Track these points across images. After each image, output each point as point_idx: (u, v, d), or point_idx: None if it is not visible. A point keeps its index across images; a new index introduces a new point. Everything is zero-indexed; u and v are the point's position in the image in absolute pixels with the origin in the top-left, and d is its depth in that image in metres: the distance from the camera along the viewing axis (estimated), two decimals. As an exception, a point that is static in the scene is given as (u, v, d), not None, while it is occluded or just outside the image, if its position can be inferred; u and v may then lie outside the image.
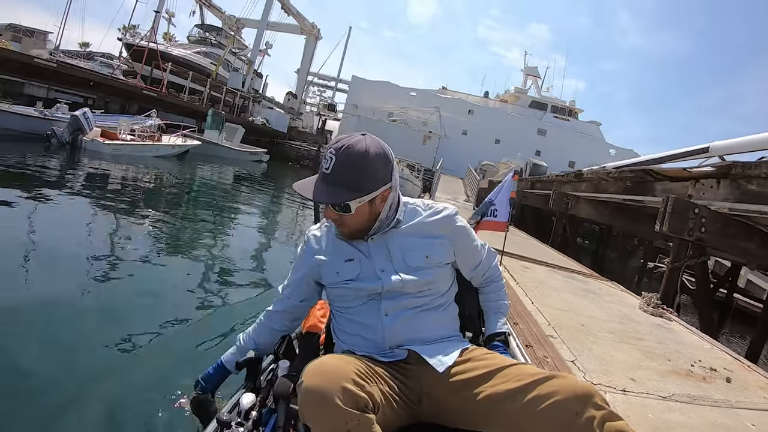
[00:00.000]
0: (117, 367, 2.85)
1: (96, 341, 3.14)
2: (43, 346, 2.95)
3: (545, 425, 1.07)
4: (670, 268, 5.74)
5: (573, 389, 1.08)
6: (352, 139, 1.28)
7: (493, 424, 1.17)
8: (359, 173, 1.26)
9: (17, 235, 4.97)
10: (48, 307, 3.48)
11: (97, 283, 4.18)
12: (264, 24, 34.32)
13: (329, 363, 1.10)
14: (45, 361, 2.77)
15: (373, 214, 1.35)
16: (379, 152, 1.29)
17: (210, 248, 6.60)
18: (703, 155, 10.15)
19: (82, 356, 2.93)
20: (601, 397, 1.08)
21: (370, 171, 1.27)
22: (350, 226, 1.35)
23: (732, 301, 10.59)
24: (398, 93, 39.56)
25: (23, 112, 13.48)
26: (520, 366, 1.24)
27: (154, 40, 27.93)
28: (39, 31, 29.37)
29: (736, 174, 5.08)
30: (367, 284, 1.37)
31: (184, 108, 25.57)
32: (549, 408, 1.07)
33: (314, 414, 1.02)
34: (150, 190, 10.77)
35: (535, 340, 2.76)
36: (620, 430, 1.03)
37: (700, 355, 3.38)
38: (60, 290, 3.85)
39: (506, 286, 1.77)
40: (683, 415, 2.21)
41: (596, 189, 9.65)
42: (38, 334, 3.09)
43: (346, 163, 1.25)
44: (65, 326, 3.29)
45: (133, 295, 4.13)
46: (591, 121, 41.54)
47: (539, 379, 1.13)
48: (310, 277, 1.52)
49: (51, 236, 5.26)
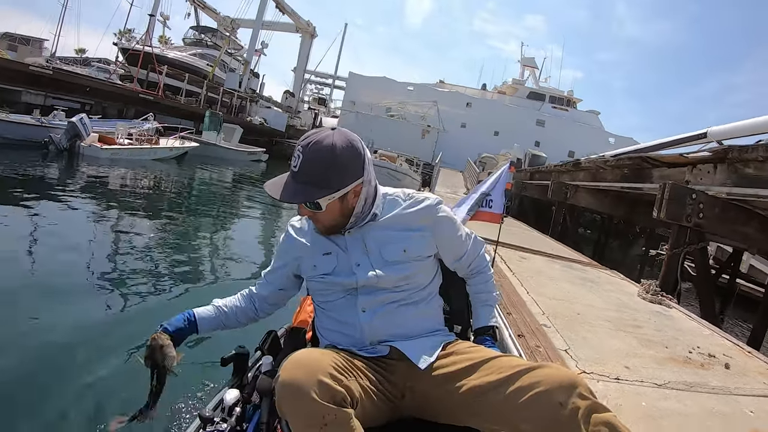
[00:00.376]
0: (112, 367, 2.84)
1: (96, 341, 3.17)
2: (42, 352, 2.97)
3: (529, 417, 1.05)
4: (669, 254, 5.70)
5: (557, 379, 1.06)
6: (319, 135, 1.24)
7: (477, 417, 1.16)
8: (327, 170, 1.22)
9: (19, 243, 5.00)
10: (49, 312, 3.50)
11: (100, 288, 4.21)
12: (259, 24, 34.19)
13: (307, 356, 1.08)
14: (40, 370, 2.78)
15: (346, 209, 1.32)
16: (347, 146, 1.25)
17: (211, 249, 6.63)
18: (701, 141, 10.09)
19: (80, 359, 2.94)
20: (586, 387, 1.06)
21: (338, 167, 1.23)
22: (324, 222, 1.33)
23: (735, 287, 10.53)
24: (395, 88, 39.42)
25: (20, 120, 13.48)
26: (503, 358, 1.23)
27: (149, 43, 27.88)
28: (35, 39, 29.50)
29: (733, 158, 5.04)
30: (342, 279, 1.35)
31: (181, 110, 25.57)
32: (532, 399, 1.05)
33: (291, 408, 1.00)
34: (149, 194, 10.77)
35: (528, 330, 2.74)
36: (607, 421, 1.00)
37: (699, 341, 3.35)
38: (62, 294, 3.87)
39: (502, 276, 1.74)
40: (679, 403, 2.19)
41: (594, 178, 9.62)
42: (39, 336, 3.13)
43: (314, 160, 1.22)
44: (67, 330, 3.30)
45: (136, 298, 4.15)
46: (590, 111, 41.33)
47: (522, 370, 1.12)
48: (290, 270, 1.51)
49: (52, 242, 5.29)
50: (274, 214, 11.38)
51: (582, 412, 1.00)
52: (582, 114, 40.53)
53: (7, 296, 3.65)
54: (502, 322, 2.79)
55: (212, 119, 23.09)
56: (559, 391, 1.04)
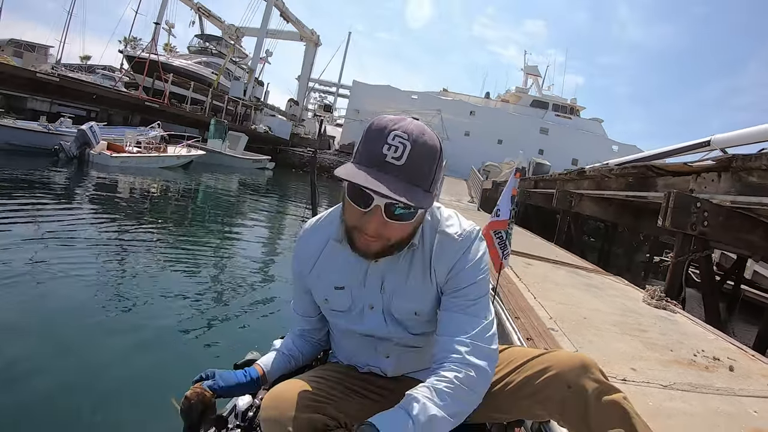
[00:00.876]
0: (125, 372, 2.92)
1: (106, 347, 3.23)
2: (51, 354, 3.04)
3: (541, 401, 1.06)
4: (673, 262, 5.75)
5: (567, 362, 1.06)
6: (418, 126, 0.97)
7: (494, 411, 1.15)
8: (432, 168, 0.98)
9: (34, 247, 5.12)
10: (59, 316, 3.59)
11: (110, 292, 4.29)
12: (264, 32, 34.54)
13: (282, 393, 1.06)
14: (52, 371, 2.84)
15: (418, 224, 1.07)
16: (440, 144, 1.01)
17: (218, 256, 6.69)
18: (705, 149, 10.17)
19: (93, 364, 3.01)
20: (597, 368, 1.05)
21: (439, 167, 1.00)
22: (391, 239, 1.01)
23: (739, 293, 10.57)
24: (399, 96, 39.65)
25: (27, 127, 13.69)
26: (512, 349, 1.24)
27: (154, 51, 28.29)
28: (40, 46, 29.88)
29: (737, 167, 5.10)
30: (356, 327, 1.19)
31: (186, 118, 25.81)
32: (544, 383, 1.05)
33: None
34: (158, 201, 10.92)
35: (536, 333, 2.81)
36: (615, 402, 1.00)
37: (704, 345, 3.40)
38: (72, 299, 3.95)
39: (509, 281, 1.66)
40: (684, 403, 2.25)
41: (599, 186, 9.67)
42: (50, 340, 3.20)
43: (423, 156, 0.95)
44: (76, 335, 3.39)
45: (145, 303, 4.22)
46: (593, 118, 41.47)
47: (531, 358, 1.12)
48: (307, 292, 1.27)
49: (65, 246, 5.39)
50: (281, 220, 11.48)
51: (592, 393, 1.00)
52: (585, 122, 40.65)
53: (19, 306, 3.70)
54: (510, 326, 2.86)
55: (217, 127, 23.32)
56: (570, 374, 1.03)
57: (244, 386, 1.19)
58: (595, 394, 1.00)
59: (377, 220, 0.96)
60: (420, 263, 1.12)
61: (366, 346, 1.22)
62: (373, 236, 0.98)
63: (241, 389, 1.20)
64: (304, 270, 1.21)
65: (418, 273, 1.12)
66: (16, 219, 6.33)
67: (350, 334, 1.23)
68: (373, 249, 1.02)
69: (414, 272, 1.12)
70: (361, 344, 1.23)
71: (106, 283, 4.53)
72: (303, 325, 1.35)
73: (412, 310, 1.13)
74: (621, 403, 1.00)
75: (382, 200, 0.94)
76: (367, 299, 1.14)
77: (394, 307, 1.13)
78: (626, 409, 1.00)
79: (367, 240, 1.00)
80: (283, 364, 1.28)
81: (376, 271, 1.12)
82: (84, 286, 4.30)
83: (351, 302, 1.16)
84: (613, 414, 0.99)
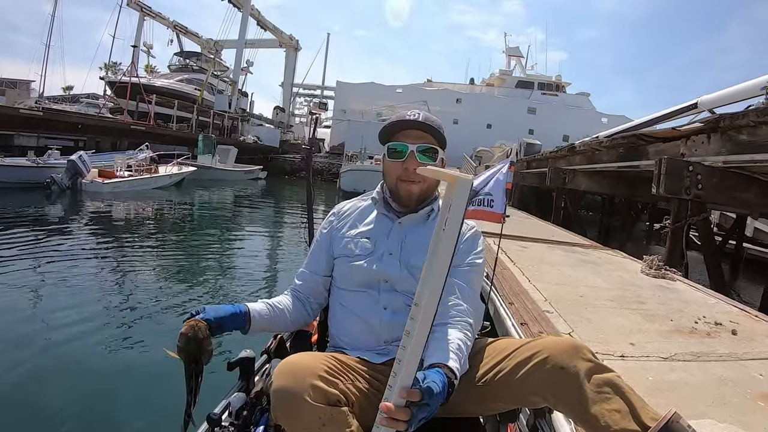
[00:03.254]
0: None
1: (111, 360, 3.32)
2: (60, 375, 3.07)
3: (534, 386, 1.07)
4: (672, 228, 5.71)
5: (557, 346, 1.08)
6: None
7: (487, 402, 1.19)
8: (442, 132, 1.35)
9: (34, 283, 5.12)
10: (64, 342, 3.61)
11: (116, 311, 4.37)
12: (242, 43, 34.43)
13: (298, 361, 1.07)
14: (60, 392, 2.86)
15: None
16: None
17: (218, 268, 6.75)
18: (693, 111, 10.12)
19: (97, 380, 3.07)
20: (587, 349, 1.07)
21: (443, 132, 1.36)
22: (423, 181, 1.35)
23: (742, 252, 10.54)
24: (384, 92, 39.58)
25: (16, 163, 13.64)
26: (502, 340, 1.26)
27: (135, 74, 28.21)
28: (21, 81, 29.85)
29: (725, 126, 5.05)
30: (369, 264, 1.35)
31: (174, 137, 25.81)
32: (534, 368, 1.07)
33: (285, 414, 1.01)
34: (154, 221, 10.94)
35: (531, 317, 2.75)
36: (609, 380, 1.01)
37: (705, 311, 3.35)
38: (72, 327, 3.93)
39: (503, 267, 1.72)
40: (686, 373, 2.19)
41: (590, 160, 9.63)
42: (57, 361, 3.28)
43: (432, 119, 1.34)
44: (83, 353, 3.43)
45: (150, 322, 4.24)
46: (580, 93, 41.51)
47: (522, 345, 1.14)
48: (328, 251, 1.47)
49: (64, 276, 5.39)
50: (280, 229, 11.46)
51: (584, 374, 1.02)
52: (572, 97, 40.64)
53: (25, 331, 3.75)
54: (505, 312, 2.81)
55: (206, 143, 23.28)
56: (561, 357, 1.05)
57: (234, 317, 1.24)
58: (587, 374, 1.02)
59: (413, 162, 1.31)
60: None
61: (368, 301, 1.33)
62: (413, 179, 1.32)
63: (231, 321, 1.23)
64: (337, 223, 1.48)
65: None
66: (17, 254, 6.27)
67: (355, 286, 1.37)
68: (415, 192, 1.35)
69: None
70: (364, 300, 1.34)
71: (111, 303, 4.60)
72: (304, 283, 1.47)
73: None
74: (614, 380, 1.02)
75: (414, 144, 1.32)
76: (388, 247, 1.36)
77: (412, 256, 1.32)
78: (620, 385, 1.02)
79: (410, 187, 1.34)
80: (269, 313, 1.35)
81: (399, 229, 1.38)
82: (87, 311, 4.31)
83: (374, 247, 1.37)
84: (607, 391, 1.01)
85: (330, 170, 31.00)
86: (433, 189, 1.40)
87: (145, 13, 34.44)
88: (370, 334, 1.32)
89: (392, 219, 1.40)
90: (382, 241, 1.37)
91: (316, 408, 0.99)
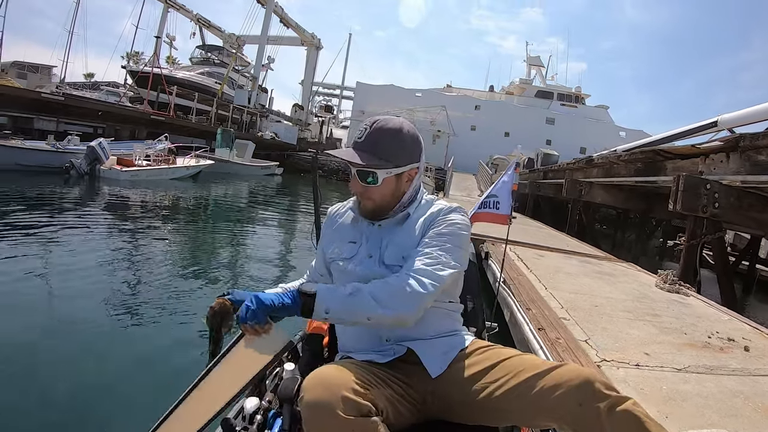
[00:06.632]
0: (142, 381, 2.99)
1: (124, 351, 3.32)
2: (70, 365, 3.11)
3: (554, 417, 1.10)
4: (686, 245, 5.73)
5: (574, 380, 1.09)
6: (387, 117, 1.36)
7: (503, 418, 1.22)
8: (391, 144, 1.32)
9: (52, 265, 5.22)
10: (78, 327, 3.66)
11: (129, 300, 4.38)
12: (264, 39, 34.55)
13: (328, 374, 1.09)
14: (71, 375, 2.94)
15: (398, 191, 1.38)
16: (412, 132, 1.36)
17: (235, 262, 6.79)
18: (712, 130, 10.07)
19: (111, 372, 3.08)
20: (602, 382, 1.09)
21: (402, 144, 1.33)
22: (374, 199, 1.37)
23: (755, 272, 10.46)
24: (403, 95, 39.60)
25: (36, 147, 13.82)
26: (522, 357, 1.27)
27: (157, 64, 28.46)
28: (44, 66, 30.16)
29: (745, 146, 5.07)
30: (354, 266, 1.39)
31: (193, 129, 25.94)
32: (556, 401, 1.09)
33: (318, 427, 1.02)
34: (170, 212, 11.03)
35: (548, 323, 2.82)
36: (626, 410, 1.04)
37: (718, 327, 3.40)
38: (90, 309, 4.03)
39: (519, 273, 1.73)
40: (699, 385, 2.25)
41: (608, 173, 9.63)
42: (70, 350, 3.29)
43: (380, 133, 1.32)
44: (95, 340, 3.48)
45: (164, 315, 4.28)
46: (599, 106, 41.17)
47: (541, 372, 1.15)
48: (325, 253, 1.53)
49: (83, 259, 5.49)
50: (293, 225, 11.56)
51: (603, 411, 1.03)
52: (591, 110, 40.36)
53: (40, 318, 3.81)
54: (522, 318, 2.88)
55: (224, 136, 23.44)
56: (578, 392, 1.06)
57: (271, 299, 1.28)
58: (606, 409, 1.04)
59: (357, 185, 1.36)
60: (413, 227, 1.39)
61: None
62: (364, 197, 1.38)
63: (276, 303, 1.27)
64: (329, 226, 1.56)
65: (410, 233, 1.38)
66: (34, 233, 6.44)
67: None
68: (369, 207, 1.39)
69: (407, 232, 1.39)
70: None
71: (124, 291, 4.65)
72: (311, 278, 1.59)
73: (400, 255, 1.35)
74: (632, 410, 1.04)
75: (353, 168, 1.35)
76: (368, 250, 1.40)
77: (386, 256, 1.37)
78: (638, 416, 1.04)
79: (365, 203, 1.39)
80: None
81: (378, 232, 1.42)
82: (103, 293, 4.40)
83: (356, 251, 1.41)
84: (626, 422, 1.04)
85: (345, 170, 30.82)
86: (393, 199, 1.38)
87: (169, 4, 34.64)
88: (372, 333, 1.35)
89: (372, 223, 1.44)
90: (364, 244, 1.42)
91: (348, 421, 1.00)
